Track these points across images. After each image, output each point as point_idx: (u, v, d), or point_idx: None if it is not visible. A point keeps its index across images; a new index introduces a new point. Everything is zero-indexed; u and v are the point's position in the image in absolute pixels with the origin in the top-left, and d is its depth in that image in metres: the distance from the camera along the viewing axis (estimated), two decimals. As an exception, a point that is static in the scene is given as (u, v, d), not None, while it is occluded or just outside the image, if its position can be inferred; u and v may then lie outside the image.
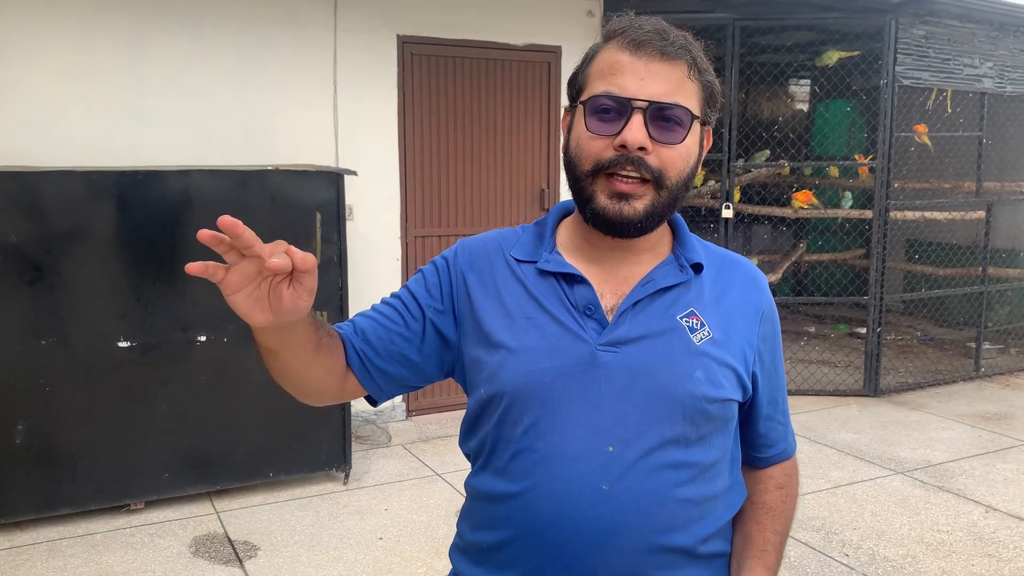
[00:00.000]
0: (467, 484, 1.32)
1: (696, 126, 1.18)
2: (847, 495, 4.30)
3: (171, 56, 4.53)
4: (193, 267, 0.99)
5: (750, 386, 1.26)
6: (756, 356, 1.26)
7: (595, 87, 1.17)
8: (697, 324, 1.21)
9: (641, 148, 1.13)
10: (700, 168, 1.25)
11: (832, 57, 6.31)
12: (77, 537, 3.71)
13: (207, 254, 1.01)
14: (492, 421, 1.22)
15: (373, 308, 1.31)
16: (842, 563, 3.60)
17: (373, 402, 1.31)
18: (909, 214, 6.42)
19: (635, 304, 1.20)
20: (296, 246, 1.05)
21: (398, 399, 5.35)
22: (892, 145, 5.94)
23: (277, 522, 3.90)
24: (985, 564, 3.61)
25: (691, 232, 1.32)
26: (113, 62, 4.40)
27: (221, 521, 3.91)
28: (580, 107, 1.20)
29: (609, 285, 1.23)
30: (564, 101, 5.61)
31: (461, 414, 5.85)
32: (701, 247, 1.29)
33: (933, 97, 6.19)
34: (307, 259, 1.02)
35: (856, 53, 6.27)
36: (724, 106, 1.30)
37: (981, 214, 6.64)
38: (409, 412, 5.43)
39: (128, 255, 3.81)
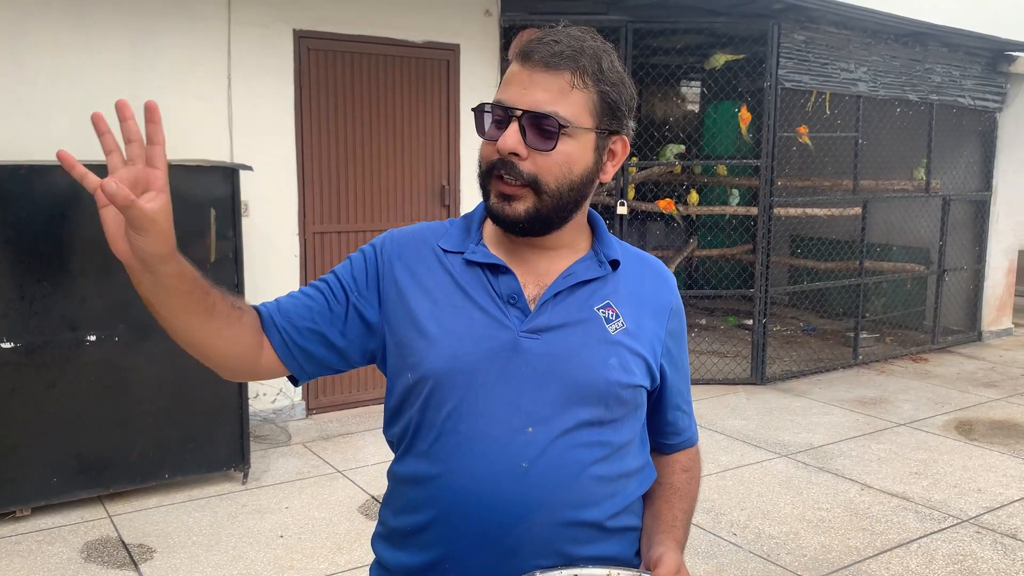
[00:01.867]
0: (390, 471, 1.36)
1: (583, 134, 1.22)
2: (735, 478, 4.50)
3: (54, 44, 4.36)
4: (63, 153, 1.01)
5: (658, 376, 1.35)
6: (664, 349, 1.35)
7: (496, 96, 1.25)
8: (612, 315, 1.29)
9: (514, 154, 1.20)
10: (607, 175, 1.29)
11: (720, 60, 6.57)
12: (-42, 547, 3.56)
13: (96, 251, 1.00)
14: (416, 406, 1.27)
15: (298, 291, 1.34)
16: (730, 542, 3.78)
17: (295, 381, 1.34)
18: (792, 211, 6.75)
19: (556, 295, 1.28)
20: (189, 244, 1.05)
21: (297, 397, 5.31)
22: (775, 144, 6.23)
23: (174, 524, 3.82)
24: (860, 537, 3.85)
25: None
26: (-9, 51, 4.22)
27: (115, 525, 3.80)
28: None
29: (531, 277, 1.30)
30: (463, 99, 5.71)
31: (362, 411, 5.83)
32: (619, 245, 1.38)
33: (813, 99, 6.52)
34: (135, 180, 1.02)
35: (742, 56, 6.54)
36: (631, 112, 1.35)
37: (858, 210, 7.04)
38: (309, 410, 5.39)
39: (11, 252, 3.67)
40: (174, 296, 1.13)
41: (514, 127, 1.20)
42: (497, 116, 1.23)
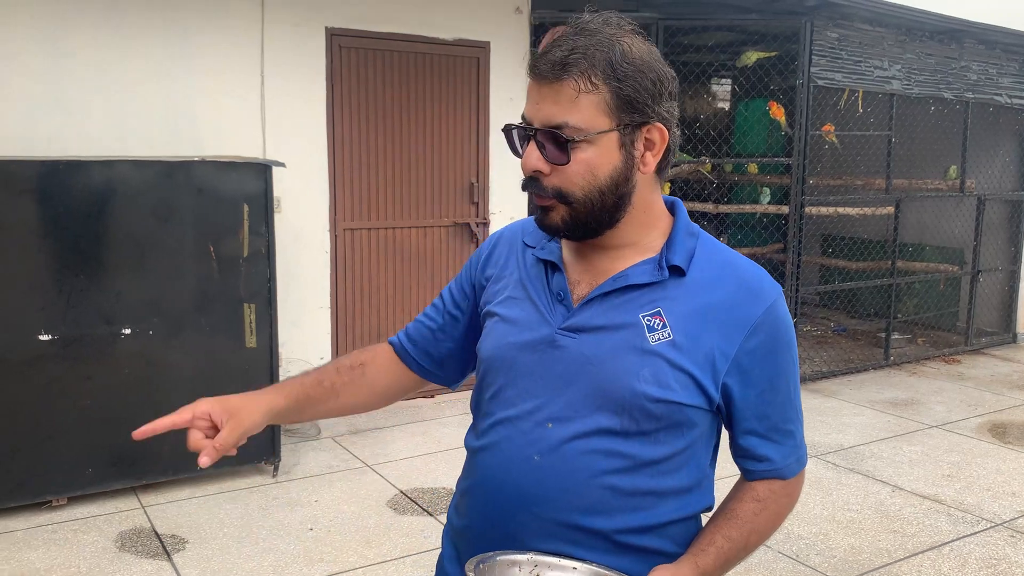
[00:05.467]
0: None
1: (601, 137, 1.18)
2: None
3: (93, 44, 4.43)
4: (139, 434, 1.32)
5: (716, 395, 1.24)
6: (734, 367, 1.24)
7: None
8: (658, 324, 1.23)
9: (537, 171, 1.21)
10: (649, 166, 1.24)
11: (751, 58, 6.52)
12: (-4, 535, 3.64)
13: (131, 246, 1.07)
14: (477, 384, 1.39)
15: (423, 312, 1.54)
16: (759, 542, 3.76)
17: (450, 383, 1.55)
18: (823, 210, 6.68)
19: (605, 296, 1.25)
20: (222, 239, 1.22)
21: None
22: (807, 143, 6.18)
23: (205, 515, 3.88)
24: (891, 539, 3.81)
25: (712, 236, 1.33)
26: (31, 49, 4.29)
27: (148, 515, 3.86)
28: None
29: (588, 275, 1.29)
30: (493, 96, 5.72)
31: (391, 406, 5.87)
32: (705, 250, 1.29)
33: (845, 97, 6.45)
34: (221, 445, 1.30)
35: (774, 54, 6.49)
36: (670, 96, 1.30)
37: (890, 210, 6.95)
38: (338, 405, 5.43)
39: (49, 247, 3.74)
40: (300, 417, 1.42)
41: (532, 146, 1.21)
42: (524, 132, 1.23)
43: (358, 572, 3.42)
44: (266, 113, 4.94)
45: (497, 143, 5.78)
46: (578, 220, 1.23)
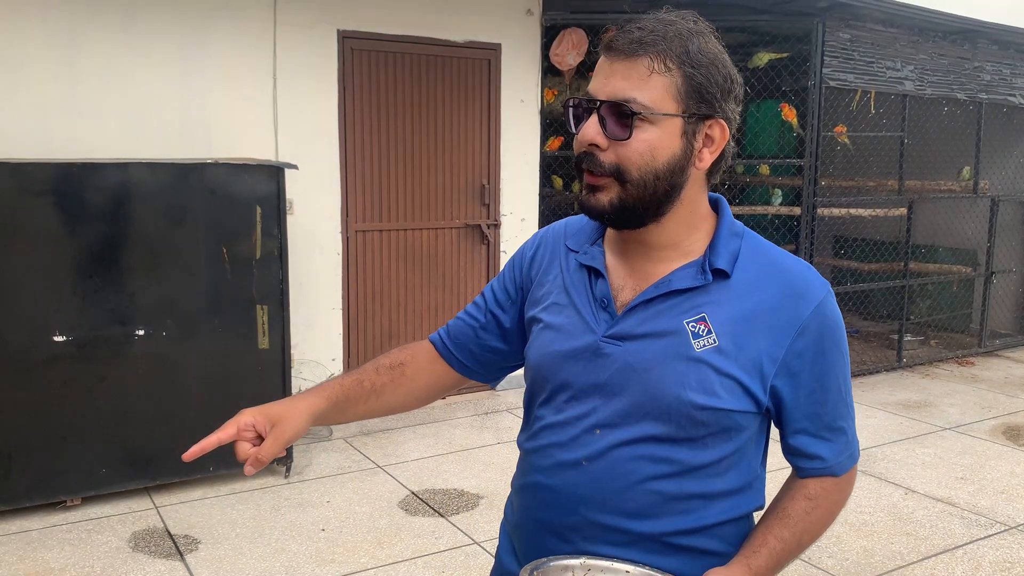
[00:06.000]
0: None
1: (666, 120, 1.18)
2: (776, 480, 4.44)
3: (106, 47, 4.46)
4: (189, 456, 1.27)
5: (765, 398, 1.24)
6: (782, 369, 1.23)
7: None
8: (703, 330, 1.22)
9: (595, 145, 1.19)
10: (704, 163, 1.23)
11: (763, 59, 6.50)
12: (11, 535, 3.66)
13: (145, 248, 1.08)
14: (528, 388, 1.41)
15: (464, 309, 1.53)
16: (771, 544, 3.75)
17: (491, 381, 1.56)
18: (836, 211, 6.66)
19: (649, 302, 1.25)
20: (235, 241, 1.22)
21: (339, 393, 5.36)
22: (819, 144, 6.16)
23: (218, 516, 3.90)
24: (904, 542, 3.80)
25: (756, 234, 1.32)
26: (45, 53, 4.32)
27: (161, 516, 3.89)
28: None
29: (631, 280, 1.28)
30: (504, 98, 5.73)
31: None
32: (750, 250, 1.27)
33: (857, 98, 6.43)
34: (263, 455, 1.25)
35: (785, 55, 6.47)
36: (736, 99, 1.27)
37: (903, 211, 6.92)
38: (350, 406, 5.44)
39: (64, 249, 3.77)
40: (341, 417, 1.41)
41: (593, 118, 1.19)
42: (584, 108, 1.22)
43: (370, 573, 3.43)
44: (278, 115, 4.96)
45: (508, 144, 5.78)
46: (626, 204, 1.20)
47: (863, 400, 6.01)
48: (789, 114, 6.45)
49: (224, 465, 4.18)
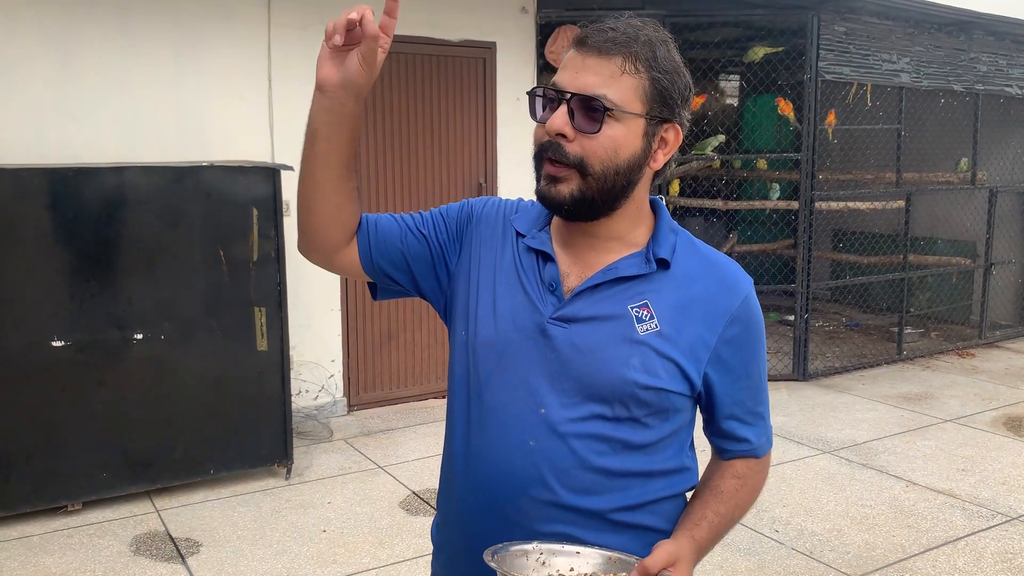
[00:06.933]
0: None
1: (631, 119, 1.23)
2: (777, 474, 4.46)
3: (101, 50, 4.46)
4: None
5: (699, 382, 1.31)
6: (713, 357, 1.31)
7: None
8: (646, 315, 1.28)
9: (561, 135, 1.23)
10: (658, 163, 1.29)
11: (758, 53, 6.49)
12: (12, 540, 3.66)
13: (142, 252, 1.06)
14: (465, 364, 1.37)
15: (399, 215, 1.45)
16: (772, 539, 3.75)
17: (373, 294, 1.47)
18: (834, 204, 6.65)
19: (595, 287, 1.30)
20: (232, 243, 1.16)
21: (339, 394, 5.36)
22: (816, 138, 6.15)
23: (219, 518, 3.89)
24: (905, 535, 3.80)
25: (687, 231, 1.39)
26: (40, 55, 4.32)
27: (162, 519, 3.88)
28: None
29: (577, 268, 1.33)
30: (500, 96, 5.72)
31: (402, 407, 5.88)
32: (685, 245, 1.35)
33: (853, 91, 6.43)
34: (378, 28, 1.20)
35: (781, 49, 6.47)
36: (688, 107, 1.35)
37: (901, 203, 6.92)
38: (351, 407, 5.45)
39: (61, 254, 3.76)
40: (339, 131, 1.30)
41: (562, 109, 1.23)
42: (549, 98, 1.26)
43: (371, 573, 3.43)
44: (274, 117, 4.96)
45: (505, 142, 5.78)
46: (586, 196, 1.24)
47: (864, 393, 6.00)
48: (785, 108, 6.45)
49: (225, 467, 4.17)
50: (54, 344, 3.76)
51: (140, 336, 3.93)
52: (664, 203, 1.41)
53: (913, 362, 6.93)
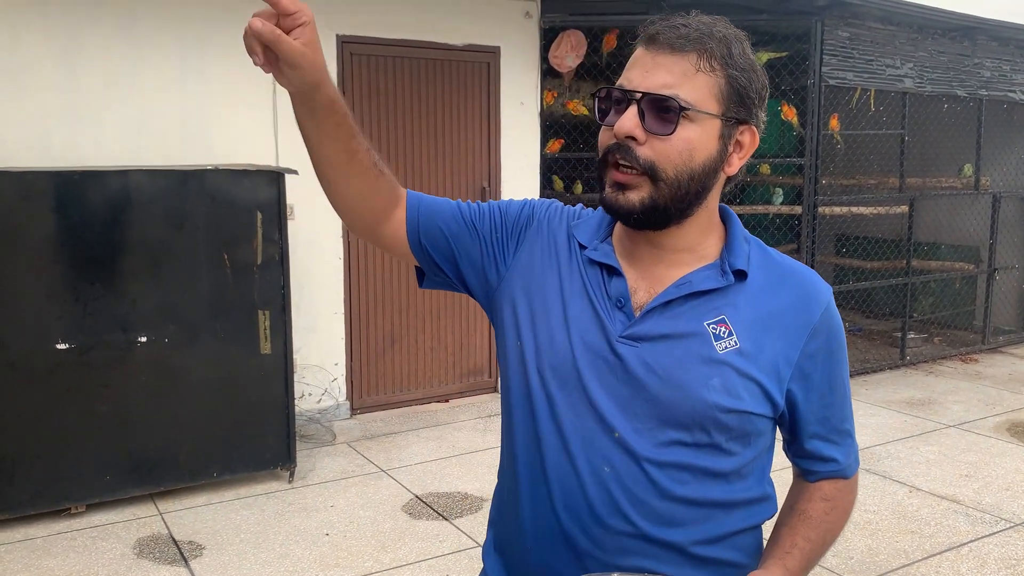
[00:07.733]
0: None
1: (707, 120, 1.15)
2: (779, 479, 4.44)
3: (106, 54, 4.47)
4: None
5: (782, 402, 1.23)
6: (796, 372, 1.22)
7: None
8: (724, 332, 1.19)
9: (630, 137, 1.14)
10: (733, 168, 1.22)
11: (762, 58, 6.49)
12: (15, 543, 3.66)
13: (147, 254, 1.06)
14: (523, 372, 1.28)
15: (453, 201, 1.36)
16: (775, 544, 3.74)
17: (420, 279, 1.37)
18: (837, 209, 6.65)
19: (667, 304, 1.21)
20: (236, 246, 1.11)
21: (342, 397, 5.37)
22: (819, 143, 6.15)
23: (222, 521, 3.90)
24: (908, 540, 3.79)
25: (758, 239, 1.30)
26: (45, 59, 4.33)
27: (165, 522, 3.89)
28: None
29: (645, 282, 1.24)
30: (503, 101, 5.73)
31: (406, 411, 5.88)
32: (759, 254, 1.27)
33: (856, 96, 6.43)
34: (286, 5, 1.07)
35: (784, 54, 6.47)
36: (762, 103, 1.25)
37: (904, 209, 6.92)
38: (354, 410, 5.45)
39: (65, 256, 3.77)
40: (324, 122, 1.18)
41: (632, 110, 1.14)
42: (616, 99, 1.17)
43: (374, 577, 3.44)
44: (278, 121, 4.96)
45: (509, 147, 5.78)
46: (657, 204, 1.16)
47: (867, 398, 6.00)
48: (789, 113, 6.45)
49: (228, 471, 4.18)
50: (58, 346, 3.77)
51: (144, 339, 3.94)
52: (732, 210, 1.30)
53: (916, 367, 6.93)
